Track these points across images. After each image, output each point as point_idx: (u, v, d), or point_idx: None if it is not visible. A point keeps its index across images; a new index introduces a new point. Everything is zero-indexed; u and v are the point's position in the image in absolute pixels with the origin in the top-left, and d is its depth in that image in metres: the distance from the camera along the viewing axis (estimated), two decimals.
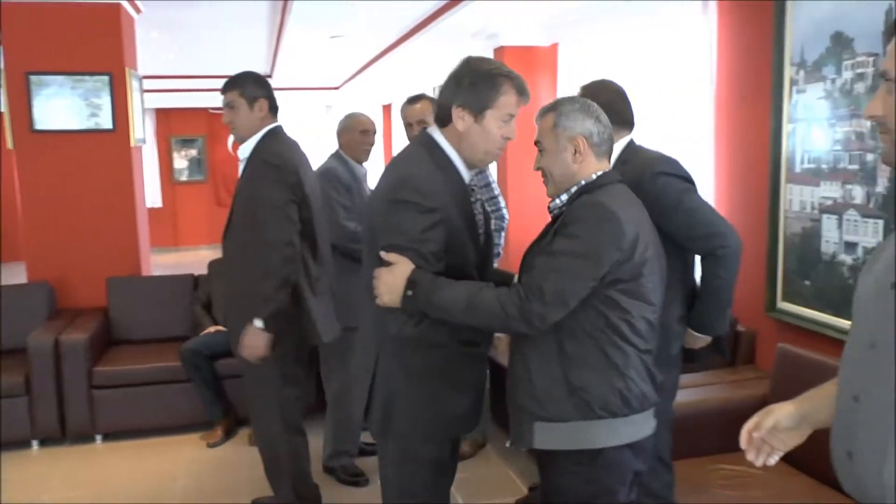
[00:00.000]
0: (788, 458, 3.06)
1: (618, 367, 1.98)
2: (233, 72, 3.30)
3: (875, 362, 1.29)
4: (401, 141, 11.69)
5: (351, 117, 4.00)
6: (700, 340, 2.67)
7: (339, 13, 5.88)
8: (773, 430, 1.57)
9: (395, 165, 2.19)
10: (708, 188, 4.01)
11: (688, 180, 2.56)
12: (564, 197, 2.09)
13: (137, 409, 4.54)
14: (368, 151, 3.98)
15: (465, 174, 2.19)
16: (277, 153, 3.11)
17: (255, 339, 2.99)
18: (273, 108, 3.27)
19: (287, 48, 7.56)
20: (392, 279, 1.98)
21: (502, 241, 4.02)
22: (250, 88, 3.19)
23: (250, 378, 3.24)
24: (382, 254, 2.01)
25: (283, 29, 6.60)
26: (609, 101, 2.52)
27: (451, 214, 2.06)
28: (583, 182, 2.06)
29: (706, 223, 2.52)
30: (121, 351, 4.82)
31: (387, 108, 12.95)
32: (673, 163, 2.58)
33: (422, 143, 2.19)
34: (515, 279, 2.22)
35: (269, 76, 10.03)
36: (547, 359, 2.00)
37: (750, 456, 1.62)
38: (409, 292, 1.95)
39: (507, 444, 2.19)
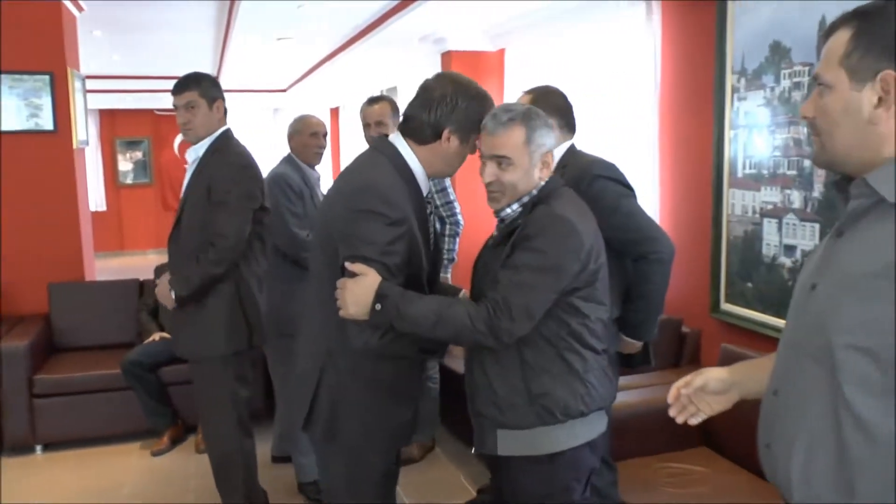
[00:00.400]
0: (734, 456, 3.14)
1: (578, 373, 2.01)
2: (179, 73, 3.26)
3: (792, 362, 1.36)
4: (350, 144, 11.66)
5: (300, 120, 3.89)
6: (631, 346, 2.71)
7: (287, 15, 5.84)
8: (701, 391, 1.62)
9: (355, 172, 2.12)
10: (652, 192, 4.09)
11: (626, 185, 2.61)
12: (516, 206, 2.08)
13: (80, 418, 4.43)
14: (320, 154, 3.87)
15: (425, 186, 2.14)
16: (242, 154, 3.14)
17: (165, 290, 3.03)
18: (225, 111, 3.26)
19: (234, 49, 7.48)
20: (360, 291, 1.90)
21: (456, 247, 4.02)
22: (210, 89, 3.17)
23: (202, 380, 3.20)
24: (348, 265, 1.92)
25: (229, 30, 6.53)
26: (559, 106, 2.62)
27: (413, 227, 2.02)
28: (534, 191, 2.07)
29: (641, 228, 2.56)
30: (63, 358, 4.70)
31: (335, 112, 12.90)
32: (611, 167, 2.62)
33: (382, 152, 2.12)
34: (465, 292, 2.26)
35: (216, 78, 9.92)
36: (507, 367, 2.02)
37: (672, 412, 1.67)
38: (378, 305, 1.88)
39: (473, 451, 2.20)
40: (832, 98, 1.29)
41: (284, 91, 12.01)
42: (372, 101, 3.80)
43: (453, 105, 2.06)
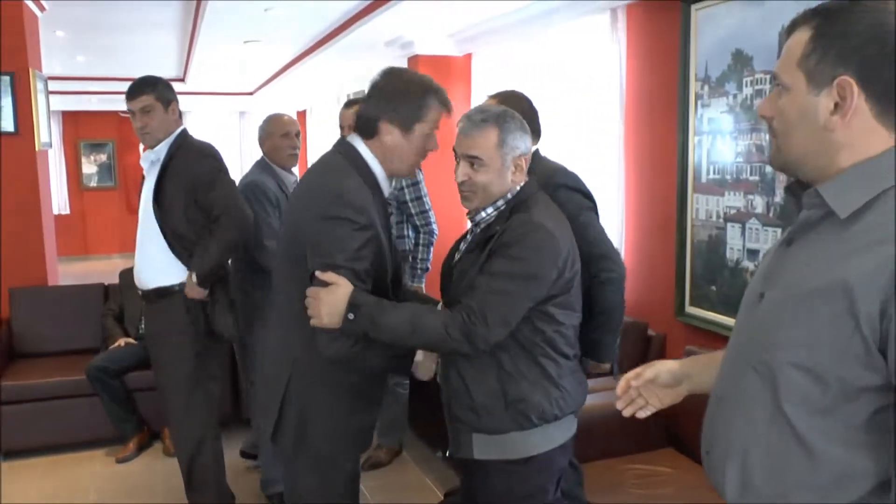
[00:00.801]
0: (699, 457, 3.18)
1: (553, 378, 2.04)
2: (146, 74, 3.26)
3: (734, 369, 1.35)
4: (318, 147, 11.61)
5: (270, 120, 3.75)
6: (598, 368, 2.69)
7: (253, 18, 5.81)
8: (651, 384, 1.61)
9: (319, 176, 2.12)
10: (618, 197, 4.14)
11: (588, 197, 2.62)
12: (491, 210, 2.08)
13: (44, 425, 4.36)
14: (295, 156, 3.73)
15: (386, 187, 2.16)
16: (207, 144, 3.27)
17: (192, 285, 3.11)
18: (179, 112, 3.30)
19: (200, 52, 7.42)
20: (333, 300, 1.90)
21: (430, 255, 4.01)
22: (164, 91, 3.18)
23: (173, 380, 3.21)
24: (319, 274, 1.92)
25: (195, 32, 6.48)
26: (524, 111, 2.61)
27: (378, 230, 2.03)
28: (509, 196, 2.08)
29: (596, 243, 2.55)
30: (25, 365, 4.62)
31: (302, 115, 12.84)
32: (574, 177, 2.64)
33: (343, 154, 2.12)
34: (441, 303, 2.23)
35: (182, 80, 9.83)
36: (484, 373, 2.03)
37: (620, 405, 1.66)
38: (352, 315, 1.89)
39: (446, 454, 2.22)
40: (789, 100, 1.25)
41: (251, 94, 11.94)
42: (349, 104, 3.78)
43: (387, 95, 2.07)
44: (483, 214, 2.10)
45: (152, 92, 3.13)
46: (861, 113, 1.18)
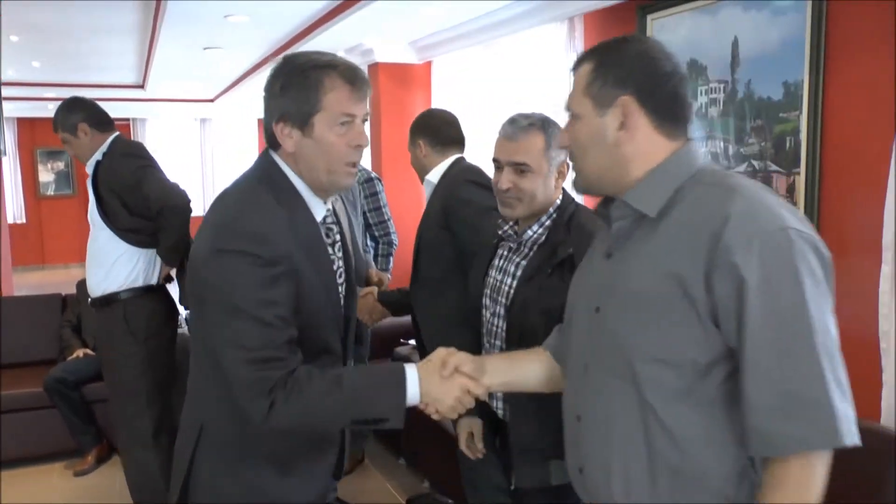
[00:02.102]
0: None
1: None
2: (104, 81, 3.33)
3: (590, 384, 1.42)
4: None
5: None
6: None
7: (213, 25, 5.78)
8: (456, 372, 1.63)
9: (222, 199, 1.69)
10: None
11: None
12: (537, 227, 2.04)
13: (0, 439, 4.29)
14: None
15: (318, 208, 1.72)
16: (130, 145, 3.35)
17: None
18: (99, 122, 3.30)
19: (159, 58, 7.35)
20: None
21: (391, 265, 4.04)
22: (67, 119, 3.27)
23: (115, 389, 3.23)
24: None
25: (154, 38, 6.42)
26: (436, 126, 2.88)
27: (301, 264, 1.61)
28: (551, 210, 2.05)
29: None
30: None
31: (262, 122, 12.79)
32: (479, 173, 2.78)
33: (257, 170, 1.72)
34: (503, 321, 2.08)
35: (142, 87, 9.71)
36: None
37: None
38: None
39: (511, 487, 2.14)
40: (580, 126, 1.41)
41: (212, 101, 11.84)
42: None
43: (273, 92, 1.66)
44: (530, 233, 2.04)
45: (60, 127, 3.27)
46: (642, 127, 1.36)
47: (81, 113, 3.27)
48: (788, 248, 1.21)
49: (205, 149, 13.71)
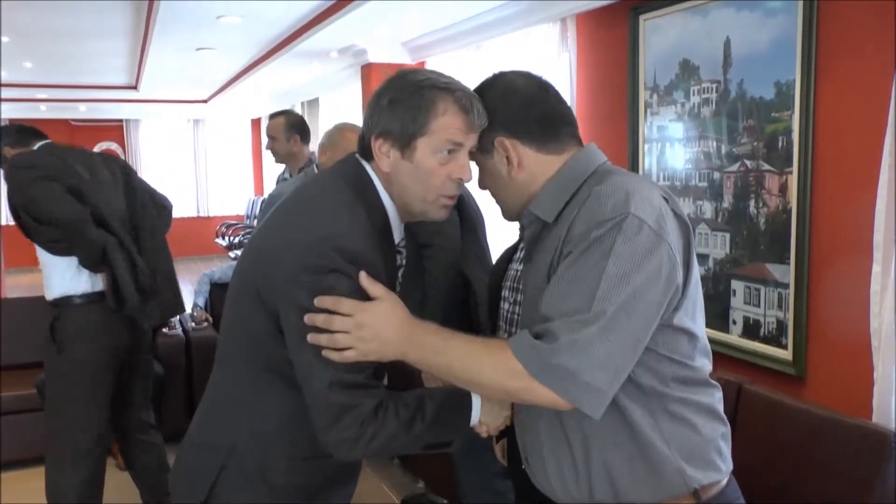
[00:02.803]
0: None
1: None
2: (96, 82, 3.29)
3: None
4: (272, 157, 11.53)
5: (341, 129, 3.28)
6: None
7: (206, 25, 5.77)
8: None
9: (310, 210, 1.51)
10: None
11: None
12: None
13: None
14: None
15: (397, 231, 1.59)
16: (20, 157, 3.18)
17: None
18: (18, 141, 3.29)
19: (152, 59, 7.33)
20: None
21: None
22: None
23: (49, 398, 3.19)
24: (320, 300, 1.37)
25: (147, 39, 6.41)
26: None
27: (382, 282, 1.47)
28: None
29: None
30: None
31: (256, 123, 12.77)
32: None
33: (348, 178, 1.54)
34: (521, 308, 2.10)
35: (135, 88, 9.69)
36: None
37: None
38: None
39: None
40: (480, 171, 1.58)
41: (205, 102, 11.82)
42: (271, 115, 3.79)
43: (377, 102, 1.53)
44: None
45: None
46: (527, 156, 1.48)
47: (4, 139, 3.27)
48: (615, 230, 1.29)
49: (198, 150, 13.68)
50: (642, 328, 1.30)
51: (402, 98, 1.50)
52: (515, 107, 1.48)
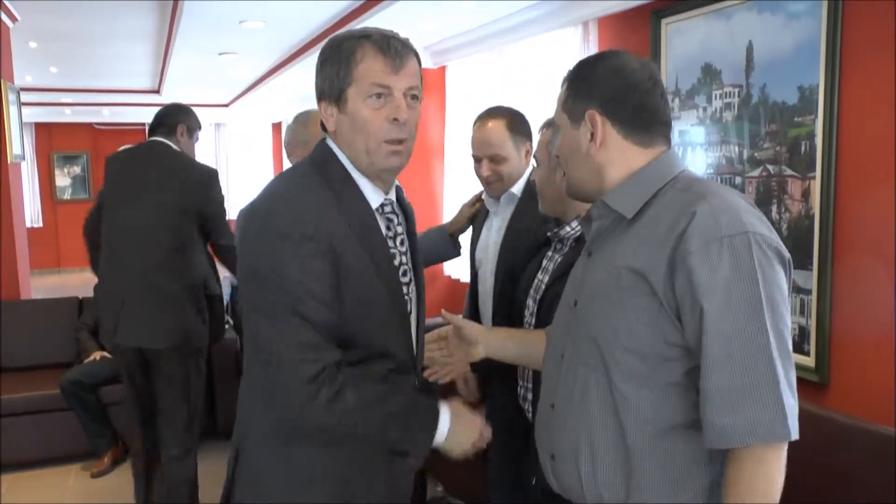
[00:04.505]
0: None
1: None
2: (119, 86, 3.35)
3: (565, 374, 1.50)
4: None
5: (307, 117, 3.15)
6: None
7: (229, 30, 5.82)
8: (457, 336, 1.85)
9: (265, 190, 1.62)
10: None
11: None
12: (575, 223, 2.08)
13: (17, 441, 4.33)
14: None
15: (374, 195, 1.61)
16: None
17: None
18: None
19: (175, 64, 7.41)
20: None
21: None
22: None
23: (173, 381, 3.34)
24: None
25: (170, 44, 6.47)
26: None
27: (344, 246, 1.49)
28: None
29: None
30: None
31: (277, 126, 12.83)
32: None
33: (314, 154, 1.64)
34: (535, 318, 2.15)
35: (157, 91, 9.79)
36: None
37: (428, 372, 1.89)
38: None
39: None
40: (562, 137, 1.55)
41: (227, 106, 11.91)
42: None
43: (317, 69, 1.60)
44: (568, 229, 2.09)
45: None
46: (612, 137, 1.46)
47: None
48: (746, 251, 1.28)
49: (219, 153, 13.78)
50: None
51: (328, 56, 1.57)
52: (619, 87, 1.46)
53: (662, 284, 1.32)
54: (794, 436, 1.27)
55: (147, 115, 12.31)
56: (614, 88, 1.46)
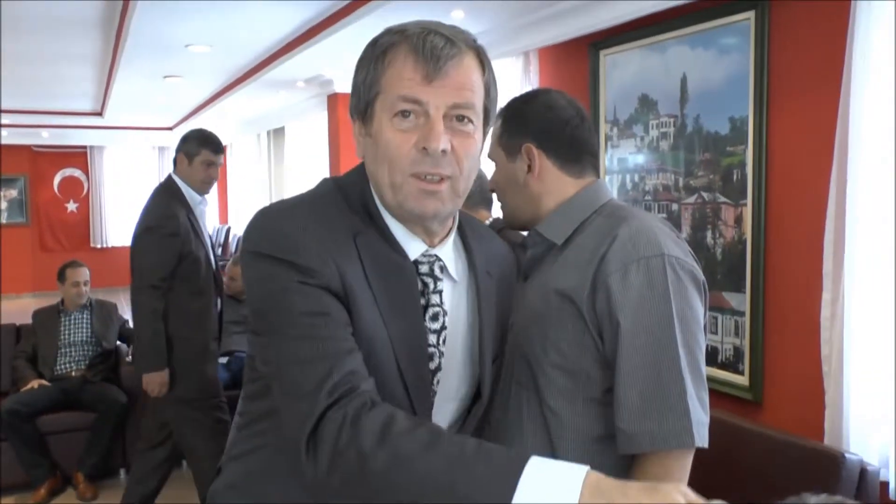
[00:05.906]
0: None
1: None
2: (60, 108, 3.29)
3: (502, 393, 1.56)
4: (237, 181, 11.52)
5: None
6: None
7: (174, 54, 5.80)
8: None
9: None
10: None
11: None
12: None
13: None
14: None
15: (411, 244, 1.23)
16: None
17: None
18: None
19: (119, 87, 7.33)
20: None
21: None
22: None
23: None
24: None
25: (114, 67, 6.41)
26: None
27: (357, 292, 1.13)
28: None
29: None
30: None
31: (223, 150, 12.70)
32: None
33: (347, 176, 1.28)
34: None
35: (100, 114, 9.65)
36: None
37: None
38: None
39: None
40: (497, 170, 1.62)
41: (171, 129, 11.78)
42: None
43: (354, 74, 1.23)
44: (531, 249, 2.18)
45: None
46: (547, 168, 1.55)
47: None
48: (660, 272, 1.35)
49: (163, 176, 13.53)
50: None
51: (361, 57, 1.20)
52: (551, 122, 1.55)
53: (587, 304, 1.39)
54: (701, 444, 1.33)
55: (89, 138, 12.14)
56: (547, 123, 1.55)
